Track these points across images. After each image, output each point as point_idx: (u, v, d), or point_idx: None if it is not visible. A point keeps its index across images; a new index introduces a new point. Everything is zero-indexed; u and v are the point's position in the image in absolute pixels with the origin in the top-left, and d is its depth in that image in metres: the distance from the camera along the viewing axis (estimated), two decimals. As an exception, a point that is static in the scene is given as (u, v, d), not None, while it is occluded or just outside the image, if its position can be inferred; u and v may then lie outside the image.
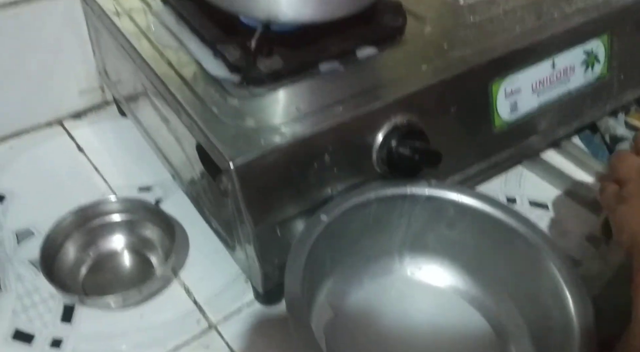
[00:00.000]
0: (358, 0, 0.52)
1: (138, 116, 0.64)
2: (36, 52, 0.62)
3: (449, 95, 0.51)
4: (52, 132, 0.68)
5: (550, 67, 0.56)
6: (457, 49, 0.53)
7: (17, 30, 0.60)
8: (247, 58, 0.50)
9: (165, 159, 0.61)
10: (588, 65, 0.58)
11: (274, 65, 0.50)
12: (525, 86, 0.55)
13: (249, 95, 0.48)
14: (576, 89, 0.59)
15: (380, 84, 0.50)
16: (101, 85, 0.70)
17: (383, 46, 0.54)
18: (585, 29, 0.57)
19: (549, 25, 0.56)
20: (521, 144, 0.59)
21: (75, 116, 0.70)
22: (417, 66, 0.52)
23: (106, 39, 0.60)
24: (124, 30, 0.55)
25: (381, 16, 0.55)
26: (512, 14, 0.58)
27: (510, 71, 0.54)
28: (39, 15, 0.60)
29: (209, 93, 0.48)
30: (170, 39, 0.54)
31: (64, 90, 0.67)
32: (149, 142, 0.63)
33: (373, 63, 0.53)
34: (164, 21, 0.56)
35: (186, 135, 0.49)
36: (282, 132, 0.44)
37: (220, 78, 0.50)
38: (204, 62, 0.51)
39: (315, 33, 0.52)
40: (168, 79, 0.50)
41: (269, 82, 0.49)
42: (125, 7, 0.58)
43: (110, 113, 0.72)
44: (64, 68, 0.65)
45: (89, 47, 0.65)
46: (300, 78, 0.50)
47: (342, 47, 0.52)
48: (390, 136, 0.48)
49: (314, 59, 0.51)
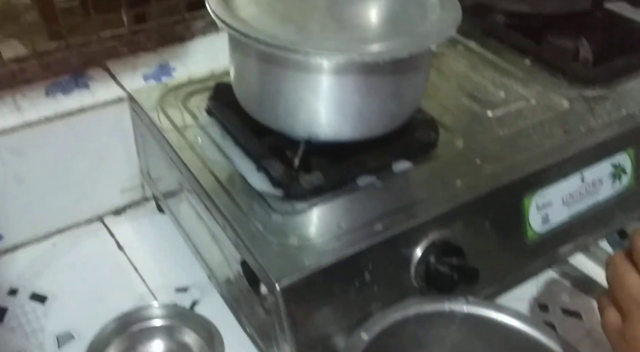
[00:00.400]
0: (393, 121, 0.55)
1: (176, 214, 0.66)
2: (85, 156, 0.66)
3: (483, 211, 0.53)
4: (93, 229, 0.71)
5: (579, 181, 0.58)
6: (489, 164, 0.56)
7: (69, 136, 0.63)
8: (289, 173, 0.52)
9: (201, 258, 0.63)
10: (616, 178, 0.60)
11: (315, 180, 0.52)
12: (556, 199, 0.57)
13: (292, 211, 0.50)
14: (605, 200, 0.61)
15: (416, 200, 0.52)
16: (142, 183, 0.73)
17: (417, 160, 0.56)
18: (611, 144, 0.60)
19: (577, 140, 0.59)
20: (553, 253, 0.60)
21: (115, 212, 0.73)
22: (451, 182, 0.54)
23: (152, 146, 0.64)
24: (171, 141, 0.59)
25: (414, 130, 0.58)
26: (539, 127, 0.61)
27: (542, 186, 0.56)
28: (91, 123, 0.64)
29: (253, 208, 0.51)
30: (215, 152, 0.57)
31: (107, 189, 0.70)
32: (186, 239, 0.65)
33: (409, 177, 0.55)
34: (209, 133, 0.59)
35: (230, 249, 0.51)
36: (325, 251, 0.46)
37: (263, 192, 0.52)
38: (248, 176, 0.54)
39: (353, 148, 0.55)
40: (214, 193, 0.52)
41: (310, 197, 0.52)
42: (172, 118, 0.61)
43: (149, 209, 0.74)
44: (109, 169, 0.69)
45: (133, 150, 0.69)
46: (340, 193, 0.52)
47: (378, 162, 0.55)
48: (428, 253, 0.50)
49: (352, 174, 0.54)
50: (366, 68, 0.48)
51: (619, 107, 0.63)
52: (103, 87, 0.66)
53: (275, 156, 0.54)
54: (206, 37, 0.75)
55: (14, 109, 0.61)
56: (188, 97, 0.65)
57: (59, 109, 0.62)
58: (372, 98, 0.51)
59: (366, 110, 0.52)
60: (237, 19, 0.49)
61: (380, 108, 0.52)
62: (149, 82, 0.67)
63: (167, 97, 0.64)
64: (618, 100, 0.64)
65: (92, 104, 0.63)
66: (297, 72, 0.49)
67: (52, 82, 0.65)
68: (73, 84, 0.65)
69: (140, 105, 0.63)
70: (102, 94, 0.64)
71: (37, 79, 0.65)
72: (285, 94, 0.51)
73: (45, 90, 0.64)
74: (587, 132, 0.60)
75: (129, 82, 0.66)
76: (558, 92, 0.66)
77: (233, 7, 0.52)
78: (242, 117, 0.58)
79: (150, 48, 0.71)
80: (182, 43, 0.73)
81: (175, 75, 0.69)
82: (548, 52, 0.71)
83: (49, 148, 0.63)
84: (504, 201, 0.55)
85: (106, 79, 0.67)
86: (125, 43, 0.70)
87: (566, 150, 0.57)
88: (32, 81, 0.64)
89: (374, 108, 0.52)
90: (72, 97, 0.64)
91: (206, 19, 0.75)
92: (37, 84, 0.65)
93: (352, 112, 0.52)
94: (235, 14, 0.50)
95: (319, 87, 0.50)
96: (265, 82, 0.52)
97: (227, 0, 0.52)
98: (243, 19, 0.50)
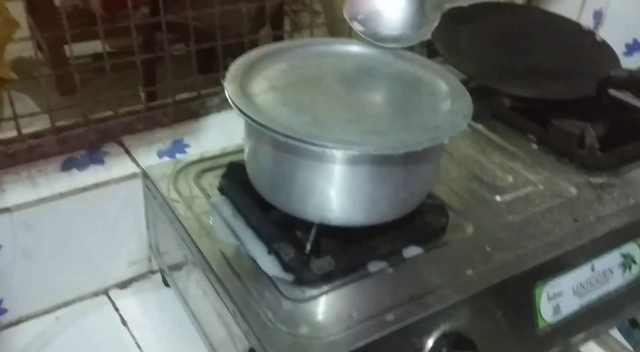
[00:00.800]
0: (404, 207, 0.55)
1: (182, 290, 0.65)
2: (95, 230, 0.66)
3: (494, 301, 0.53)
4: (98, 303, 0.70)
5: (590, 270, 0.58)
6: (499, 252, 0.56)
7: (82, 211, 0.64)
8: (301, 258, 0.52)
9: (205, 336, 0.62)
10: (626, 267, 0.60)
11: (326, 266, 0.52)
12: (566, 289, 0.56)
13: (303, 297, 0.50)
14: (615, 289, 0.60)
15: (428, 289, 0.52)
16: (149, 256, 0.73)
17: (428, 246, 0.56)
18: (620, 233, 0.60)
19: (586, 229, 0.59)
20: (564, 343, 0.59)
21: (121, 286, 0.72)
22: (462, 270, 0.54)
23: (162, 222, 0.64)
24: (182, 220, 0.59)
25: (425, 215, 0.59)
26: (548, 214, 0.61)
27: (553, 275, 0.56)
28: (104, 198, 0.65)
29: (264, 294, 0.50)
30: (226, 232, 0.57)
31: (114, 262, 0.70)
32: (190, 316, 0.64)
33: (419, 263, 0.55)
34: (221, 212, 0.60)
35: (238, 335, 0.50)
36: (336, 343, 0.46)
37: (274, 277, 0.52)
38: (258, 258, 0.54)
39: (364, 232, 0.55)
40: (224, 276, 0.52)
41: (321, 283, 0.51)
42: (184, 196, 0.62)
43: (155, 282, 0.74)
44: (117, 242, 0.69)
45: (143, 224, 0.69)
46: (351, 279, 0.52)
47: (389, 248, 0.55)
48: (439, 345, 0.49)
49: (363, 260, 0.54)
50: (379, 159, 0.49)
51: (627, 196, 0.63)
52: (118, 162, 0.67)
53: (286, 239, 0.54)
54: (220, 114, 0.77)
55: (30, 184, 0.62)
56: (201, 174, 0.66)
57: (73, 184, 0.63)
58: (384, 186, 0.52)
59: (378, 198, 0.52)
60: (255, 108, 0.50)
61: (392, 196, 0.53)
62: (163, 158, 0.68)
63: (180, 174, 0.65)
64: (625, 189, 0.64)
65: (106, 180, 0.64)
66: (312, 161, 0.50)
67: (68, 157, 0.66)
68: (88, 159, 0.67)
69: (153, 182, 0.64)
70: (116, 169, 0.66)
71: (53, 154, 0.66)
72: (299, 180, 0.52)
73: (61, 165, 0.65)
74: (596, 221, 0.60)
75: (143, 158, 0.68)
76: (566, 177, 0.66)
77: (250, 93, 0.53)
78: (254, 197, 0.58)
79: (165, 124, 0.73)
80: (197, 119, 0.75)
81: (189, 152, 0.70)
82: (554, 138, 0.73)
83: (61, 222, 0.63)
84: (515, 291, 0.54)
85: (121, 155, 0.68)
86: (141, 119, 0.71)
87: (576, 239, 0.58)
88: (48, 156, 0.66)
89: (386, 196, 0.53)
90: (87, 173, 0.65)
91: (220, 96, 0.77)
92: (53, 158, 0.66)
93: (364, 199, 0.52)
94: (253, 102, 0.52)
95: (333, 175, 0.51)
96: (279, 167, 0.53)
97: (244, 87, 0.54)
98: (260, 106, 0.51)
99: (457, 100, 0.55)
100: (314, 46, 0.63)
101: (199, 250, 0.56)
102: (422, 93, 0.58)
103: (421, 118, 0.53)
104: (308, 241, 0.53)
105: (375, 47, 0.62)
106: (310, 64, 0.61)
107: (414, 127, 0.51)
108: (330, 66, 0.61)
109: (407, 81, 0.60)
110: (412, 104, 0.56)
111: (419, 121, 0.52)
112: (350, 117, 0.52)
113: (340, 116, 0.52)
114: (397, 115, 0.54)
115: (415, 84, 0.59)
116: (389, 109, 0.56)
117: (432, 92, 0.57)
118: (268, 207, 0.57)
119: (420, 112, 0.54)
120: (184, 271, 0.63)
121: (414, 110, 0.55)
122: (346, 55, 0.63)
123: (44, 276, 0.65)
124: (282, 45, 0.62)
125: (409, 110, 0.55)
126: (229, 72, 0.55)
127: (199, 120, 0.75)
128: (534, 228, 0.59)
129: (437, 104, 0.55)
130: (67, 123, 0.67)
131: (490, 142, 0.73)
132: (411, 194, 0.54)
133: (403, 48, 0.63)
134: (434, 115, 0.53)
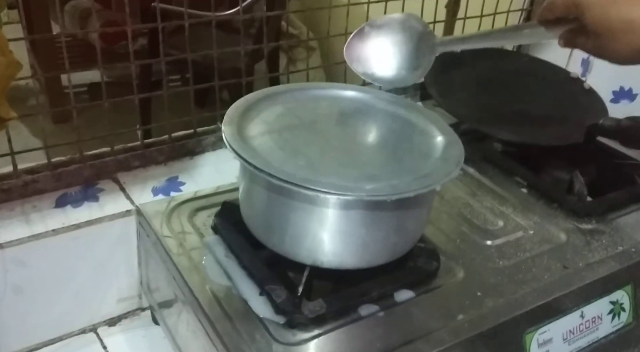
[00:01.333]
0: (396, 251, 0.56)
1: (171, 329, 0.65)
2: (86, 266, 0.66)
3: (485, 347, 0.53)
4: (86, 340, 0.69)
5: (579, 317, 0.58)
6: (490, 298, 0.56)
7: (74, 247, 0.64)
8: (292, 300, 0.53)
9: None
10: (615, 314, 0.61)
11: (318, 309, 0.52)
12: (556, 336, 0.57)
13: (293, 341, 0.50)
14: (605, 336, 0.60)
15: (419, 334, 0.52)
16: (139, 293, 0.72)
17: (419, 290, 0.56)
18: (609, 281, 0.61)
19: (576, 276, 0.59)
20: (554, 390, 0.59)
21: (110, 323, 0.71)
22: (453, 315, 0.54)
23: (155, 260, 0.64)
24: (174, 259, 0.59)
25: (417, 259, 0.59)
26: (538, 260, 0.62)
27: (542, 322, 0.56)
28: (97, 235, 0.65)
29: (254, 337, 0.50)
30: (218, 272, 0.57)
31: (104, 299, 0.70)
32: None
33: (411, 307, 0.55)
34: (214, 252, 0.60)
35: (229, 379, 0.50)
36: (327, 389, 0.45)
37: (265, 319, 0.52)
38: (250, 299, 0.54)
39: (356, 276, 0.56)
40: (215, 318, 0.52)
41: (312, 327, 0.51)
42: (177, 235, 0.62)
43: (144, 320, 0.73)
44: (108, 279, 0.68)
45: (135, 260, 0.69)
46: (342, 322, 0.52)
47: (381, 291, 0.55)
48: (429, 392, 0.49)
49: (355, 303, 0.54)
50: (372, 204, 0.50)
51: (615, 243, 0.64)
52: (112, 199, 0.67)
53: (278, 280, 0.55)
54: (216, 152, 0.78)
55: (23, 220, 0.62)
56: (194, 212, 0.66)
57: (67, 221, 0.63)
58: (377, 231, 0.52)
59: (370, 242, 0.53)
60: (251, 151, 0.51)
61: (384, 240, 0.53)
62: (158, 196, 0.69)
63: (174, 212, 0.65)
64: (614, 235, 0.65)
65: (100, 217, 0.64)
66: (306, 204, 0.51)
67: (63, 193, 0.67)
68: (83, 195, 0.67)
69: (147, 219, 0.64)
70: (110, 207, 0.66)
71: (48, 190, 0.66)
72: (292, 223, 0.53)
73: (56, 201, 0.66)
74: (585, 268, 0.61)
75: (137, 195, 0.68)
76: (555, 223, 0.67)
77: (246, 136, 0.54)
78: (247, 237, 0.59)
79: (161, 161, 0.74)
80: (192, 157, 0.76)
81: (184, 189, 0.71)
82: (544, 183, 0.74)
83: (52, 259, 0.63)
84: (506, 336, 0.54)
85: (116, 192, 0.69)
86: (137, 156, 0.72)
87: (566, 286, 0.58)
88: (43, 192, 0.66)
89: (378, 240, 0.53)
90: (81, 210, 0.65)
91: (216, 135, 0.78)
92: (48, 194, 0.66)
93: (357, 243, 0.53)
94: (249, 145, 0.53)
95: (326, 219, 0.51)
96: (273, 209, 0.54)
97: (241, 130, 0.55)
98: (256, 149, 0.52)
99: (450, 146, 0.56)
100: (310, 90, 0.65)
101: (189, 289, 0.56)
102: (414, 138, 0.59)
103: (413, 164, 0.54)
104: (300, 283, 0.53)
105: (372, 87, 0.64)
106: (306, 107, 0.62)
107: (406, 172, 0.52)
108: (326, 110, 0.63)
109: (401, 126, 0.61)
110: (404, 149, 0.57)
111: (411, 167, 0.53)
112: (344, 162, 0.53)
113: (334, 160, 0.53)
114: (389, 160, 0.56)
115: (409, 129, 0.60)
116: (382, 154, 0.57)
117: (425, 138, 0.58)
118: (261, 247, 0.57)
119: (413, 157, 0.56)
120: (174, 309, 0.62)
121: (407, 155, 0.56)
122: (341, 100, 0.64)
123: (33, 312, 0.65)
124: (279, 88, 0.64)
125: (401, 156, 0.56)
126: (226, 115, 0.56)
127: (194, 158, 0.76)
128: (524, 274, 0.60)
129: (429, 150, 0.56)
130: (63, 158, 0.67)
131: (481, 186, 0.74)
132: (403, 238, 0.55)
133: (398, 90, 0.65)
134: (426, 161, 0.54)
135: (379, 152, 0.57)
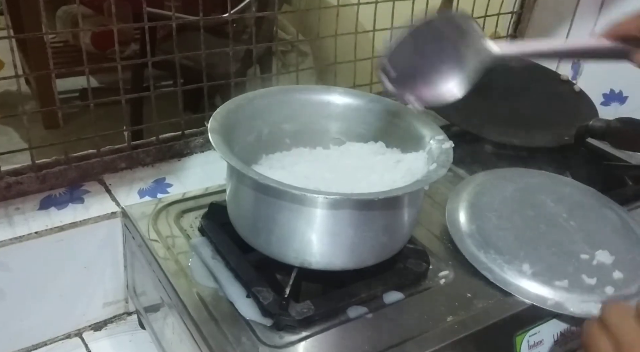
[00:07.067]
0: (385, 252, 0.55)
1: (157, 332, 0.64)
2: (71, 269, 0.65)
3: (474, 349, 0.52)
4: (71, 346, 0.68)
5: (570, 319, 0.57)
6: (479, 299, 0.55)
7: (58, 250, 0.63)
8: (279, 302, 0.52)
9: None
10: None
11: (305, 311, 0.51)
12: (547, 338, 0.56)
13: (280, 343, 0.49)
14: (596, 338, 0.60)
15: (408, 336, 0.51)
16: (125, 297, 0.71)
17: (409, 291, 0.56)
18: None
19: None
20: (545, 393, 0.58)
21: (95, 328, 0.70)
22: (442, 317, 0.53)
23: (141, 263, 0.63)
24: (160, 261, 0.58)
25: (406, 260, 0.58)
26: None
27: (533, 324, 0.55)
28: (81, 237, 0.64)
29: (240, 340, 0.49)
30: (205, 275, 0.56)
31: (89, 303, 0.68)
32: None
33: (400, 309, 0.54)
34: (200, 253, 0.59)
35: (214, 382, 0.49)
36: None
37: (251, 321, 0.51)
38: (236, 302, 0.53)
39: (345, 277, 0.55)
40: (201, 321, 0.51)
41: (300, 329, 0.51)
42: (164, 237, 0.61)
43: (130, 324, 0.72)
44: (94, 283, 0.67)
45: (121, 264, 0.68)
46: (331, 324, 0.51)
47: (370, 293, 0.55)
48: (418, 395, 0.48)
49: (343, 305, 0.53)
50: (360, 204, 0.49)
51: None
52: (97, 201, 0.66)
53: (265, 282, 0.54)
54: (203, 154, 0.77)
55: (6, 222, 0.61)
56: (181, 214, 0.65)
57: (50, 223, 0.62)
58: (365, 231, 0.52)
59: (359, 242, 0.52)
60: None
61: (373, 240, 0.53)
62: (145, 198, 0.68)
63: (161, 214, 0.64)
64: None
65: (84, 219, 0.63)
66: (293, 205, 0.50)
67: (47, 195, 0.66)
68: (68, 197, 0.66)
69: (133, 222, 0.63)
70: (95, 208, 0.65)
71: (32, 192, 0.65)
72: (280, 223, 0.52)
73: (40, 203, 0.65)
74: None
75: (124, 197, 0.67)
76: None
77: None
78: (235, 238, 0.58)
79: (148, 163, 0.73)
80: (180, 159, 0.75)
81: (171, 191, 0.70)
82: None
83: (36, 262, 0.62)
84: (496, 338, 0.54)
85: (101, 194, 0.68)
86: (124, 158, 0.71)
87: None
88: (27, 193, 0.65)
89: (367, 240, 0.52)
90: (65, 212, 0.64)
91: (204, 137, 0.77)
92: (32, 196, 0.65)
93: (345, 244, 0.52)
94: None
95: (314, 219, 0.50)
96: (260, 210, 0.53)
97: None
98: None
99: (439, 146, 0.56)
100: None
101: (175, 292, 0.55)
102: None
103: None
104: (287, 285, 0.52)
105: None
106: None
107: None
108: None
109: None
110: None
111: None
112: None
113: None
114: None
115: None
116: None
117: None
118: (249, 249, 0.57)
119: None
120: (160, 313, 0.61)
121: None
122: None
123: (16, 316, 0.64)
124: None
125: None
126: (213, 117, 0.55)
127: (182, 160, 0.75)
128: (515, 275, 0.59)
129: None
130: (48, 160, 0.66)
131: (471, 187, 0.73)
132: (392, 238, 0.54)
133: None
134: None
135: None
